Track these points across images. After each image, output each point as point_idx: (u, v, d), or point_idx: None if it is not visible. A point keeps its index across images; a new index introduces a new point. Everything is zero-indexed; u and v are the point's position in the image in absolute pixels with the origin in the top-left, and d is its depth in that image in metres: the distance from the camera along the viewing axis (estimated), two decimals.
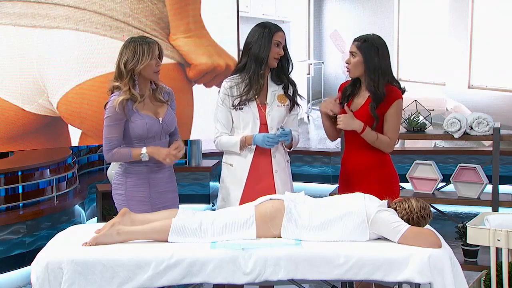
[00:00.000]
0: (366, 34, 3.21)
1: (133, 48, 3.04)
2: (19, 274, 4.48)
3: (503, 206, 4.22)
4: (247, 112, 3.25)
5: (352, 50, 3.18)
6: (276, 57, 3.23)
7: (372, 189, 2.97)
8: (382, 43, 3.17)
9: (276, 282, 2.66)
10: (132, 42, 3.07)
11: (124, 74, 3.05)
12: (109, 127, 3.06)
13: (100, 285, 2.57)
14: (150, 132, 3.09)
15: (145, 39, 3.10)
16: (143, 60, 3.03)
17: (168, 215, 2.84)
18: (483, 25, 7.76)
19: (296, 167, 7.12)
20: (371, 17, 8.80)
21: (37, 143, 4.97)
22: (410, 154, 6.18)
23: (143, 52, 3.03)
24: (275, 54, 3.22)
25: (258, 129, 3.25)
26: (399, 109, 3.20)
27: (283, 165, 3.32)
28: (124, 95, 3.03)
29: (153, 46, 3.07)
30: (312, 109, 9.34)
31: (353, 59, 3.17)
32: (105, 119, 3.07)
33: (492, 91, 7.71)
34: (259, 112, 3.26)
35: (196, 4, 5.35)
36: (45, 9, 4.78)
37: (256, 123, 3.25)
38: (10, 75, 4.75)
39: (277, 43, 3.22)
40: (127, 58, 3.04)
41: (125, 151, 3.08)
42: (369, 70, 3.13)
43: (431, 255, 2.56)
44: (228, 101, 3.27)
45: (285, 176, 3.31)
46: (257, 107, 3.26)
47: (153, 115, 3.12)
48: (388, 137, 3.19)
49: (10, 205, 4.68)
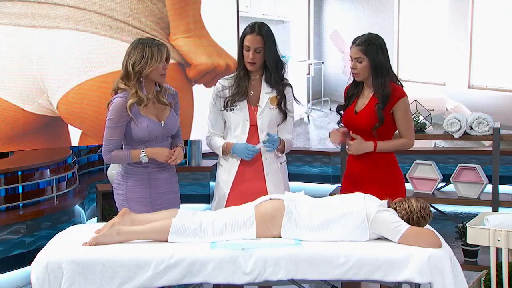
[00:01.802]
0: (363, 35, 3.18)
1: (142, 50, 3.01)
2: (19, 274, 4.48)
3: (503, 206, 4.22)
4: (237, 114, 3.24)
5: (357, 55, 3.14)
6: (249, 61, 3.19)
7: (377, 190, 2.97)
8: (382, 41, 3.17)
9: (276, 282, 2.66)
10: (141, 44, 3.04)
11: (132, 76, 3.02)
12: (110, 129, 3.05)
13: (100, 285, 2.57)
14: (151, 135, 3.08)
15: (154, 41, 3.07)
16: (152, 63, 3.00)
17: (168, 215, 2.84)
18: (483, 25, 7.75)
19: (296, 167, 7.11)
20: (371, 17, 8.79)
21: (37, 143, 4.97)
22: (410, 154, 6.15)
23: (152, 55, 3.00)
24: (247, 58, 3.19)
25: (248, 130, 3.24)
26: (406, 107, 3.20)
27: (276, 167, 3.30)
28: (132, 98, 3.01)
29: (162, 49, 3.04)
30: (312, 109, 9.33)
31: (360, 64, 3.14)
32: (107, 120, 3.06)
33: (492, 91, 7.70)
34: (250, 113, 3.24)
35: (196, 4, 5.35)
36: (45, 9, 4.78)
37: (246, 124, 3.24)
38: (10, 75, 4.75)
39: (247, 48, 3.19)
40: (135, 60, 3.01)
41: (124, 153, 3.07)
42: (377, 72, 3.13)
43: (431, 255, 2.56)
44: (219, 102, 3.27)
45: (278, 179, 3.29)
46: (248, 108, 3.24)
47: (155, 118, 3.10)
48: (404, 139, 3.21)
49: (10, 205, 4.68)
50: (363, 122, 3.16)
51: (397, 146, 3.22)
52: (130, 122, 3.05)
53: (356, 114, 3.20)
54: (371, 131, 3.16)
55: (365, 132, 3.17)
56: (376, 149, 3.16)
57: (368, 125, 3.16)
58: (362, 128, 3.17)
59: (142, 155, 3.05)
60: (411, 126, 3.24)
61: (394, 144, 3.22)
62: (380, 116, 3.12)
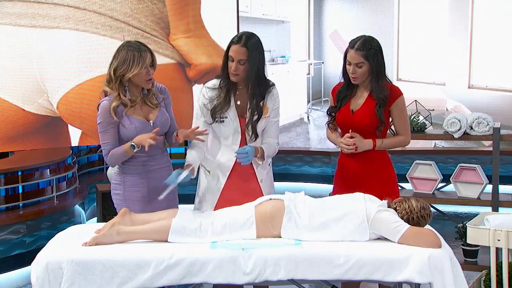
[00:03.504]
0: (359, 38, 3.13)
1: (125, 54, 3.00)
2: (19, 274, 4.47)
3: (503, 206, 4.22)
4: (227, 126, 3.17)
5: (357, 60, 3.09)
6: (232, 72, 3.08)
7: (371, 190, 2.97)
8: (378, 42, 3.16)
9: (276, 282, 2.66)
10: (125, 47, 3.03)
11: (113, 80, 3.02)
12: (102, 134, 3.08)
13: (100, 285, 2.57)
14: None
15: (139, 46, 3.04)
16: (133, 68, 2.99)
17: (168, 215, 2.84)
18: (483, 25, 7.75)
19: (296, 167, 7.11)
20: (371, 17, 8.79)
21: (37, 143, 4.96)
22: (410, 154, 6.16)
23: (133, 60, 2.99)
24: (230, 69, 3.09)
25: (239, 140, 3.18)
26: (403, 105, 3.21)
27: (265, 172, 3.27)
28: (115, 101, 3.02)
29: (144, 55, 3.01)
30: (312, 109, 9.33)
31: (360, 69, 3.11)
32: (97, 125, 3.08)
33: (492, 91, 7.71)
34: (240, 124, 3.17)
35: (196, 4, 5.35)
36: (45, 9, 4.78)
37: (236, 136, 3.18)
38: (10, 75, 4.75)
39: (231, 58, 3.07)
40: (118, 64, 3.01)
41: (118, 150, 3.07)
42: (376, 76, 3.13)
43: (431, 255, 2.56)
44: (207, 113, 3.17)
45: (269, 183, 3.29)
46: (238, 119, 3.17)
47: (143, 118, 3.10)
48: (401, 136, 3.24)
49: (10, 205, 4.68)
50: (361, 121, 3.16)
51: (395, 143, 3.24)
52: (119, 124, 3.06)
53: (352, 114, 3.20)
54: (369, 130, 3.16)
55: (363, 131, 3.17)
56: (376, 146, 3.17)
57: (367, 124, 3.15)
58: (360, 127, 3.17)
59: (131, 144, 3.03)
60: (407, 124, 3.27)
61: (392, 141, 3.23)
62: (381, 118, 3.13)
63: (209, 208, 3.19)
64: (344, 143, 3.17)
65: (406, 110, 3.25)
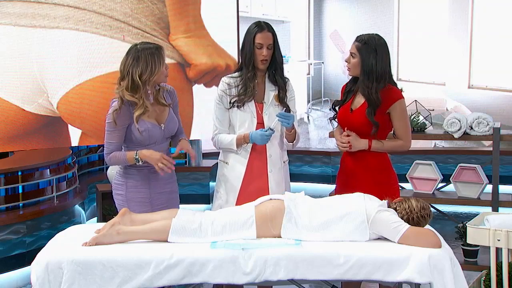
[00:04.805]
0: (368, 34, 3.18)
1: (145, 59, 2.99)
2: (19, 274, 4.47)
3: (503, 206, 4.22)
4: (244, 111, 3.25)
5: (352, 50, 3.16)
6: (262, 59, 3.21)
7: (371, 191, 2.96)
8: (383, 45, 3.13)
9: (276, 282, 2.66)
10: (140, 52, 3.01)
11: (141, 87, 3.00)
12: (109, 133, 3.07)
13: (100, 285, 2.57)
14: (151, 139, 3.09)
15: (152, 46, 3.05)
16: (157, 69, 3.01)
17: (168, 215, 2.84)
18: (483, 25, 7.76)
19: (296, 167, 7.11)
20: (371, 17, 8.80)
21: (37, 143, 4.97)
22: (410, 154, 6.15)
23: (155, 62, 3.00)
24: (261, 56, 3.20)
25: (254, 127, 3.25)
26: (403, 109, 3.17)
27: (279, 165, 3.31)
28: (140, 110, 3.01)
29: (162, 52, 3.05)
30: (312, 109, 9.34)
31: (352, 59, 3.16)
32: (106, 123, 3.07)
33: (492, 91, 7.71)
34: (257, 111, 3.26)
35: (196, 4, 5.36)
36: (45, 9, 4.79)
37: (253, 121, 3.25)
38: (10, 75, 4.75)
39: (260, 45, 3.20)
40: (141, 71, 2.99)
41: (120, 155, 3.07)
42: (364, 74, 3.12)
43: (431, 255, 2.56)
44: (225, 99, 3.27)
45: (279, 177, 3.31)
46: (255, 106, 3.26)
47: (155, 121, 3.11)
48: (400, 140, 3.19)
49: (10, 205, 4.68)
50: (358, 121, 3.15)
51: (393, 147, 3.20)
52: (130, 125, 3.05)
53: (351, 112, 3.20)
54: (366, 130, 3.15)
55: (360, 131, 3.16)
56: (371, 148, 3.16)
57: (363, 125, 3.14)
58: (357, 127, 3.16)
59: (135, 157, 3.05)
60: (407, 128, 3.21)
61: (390, 144, 3.19)
62: (372, 120, 3.10)
63: (232, 200, 3.25)
64: (339, 141, 3.19)
65: (406, 114, 3.21)
